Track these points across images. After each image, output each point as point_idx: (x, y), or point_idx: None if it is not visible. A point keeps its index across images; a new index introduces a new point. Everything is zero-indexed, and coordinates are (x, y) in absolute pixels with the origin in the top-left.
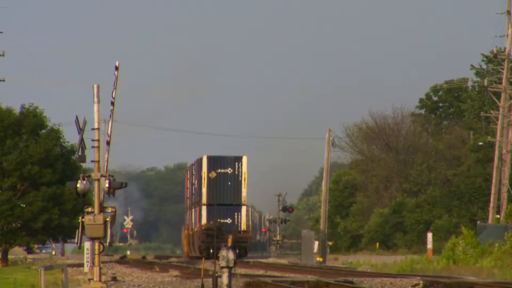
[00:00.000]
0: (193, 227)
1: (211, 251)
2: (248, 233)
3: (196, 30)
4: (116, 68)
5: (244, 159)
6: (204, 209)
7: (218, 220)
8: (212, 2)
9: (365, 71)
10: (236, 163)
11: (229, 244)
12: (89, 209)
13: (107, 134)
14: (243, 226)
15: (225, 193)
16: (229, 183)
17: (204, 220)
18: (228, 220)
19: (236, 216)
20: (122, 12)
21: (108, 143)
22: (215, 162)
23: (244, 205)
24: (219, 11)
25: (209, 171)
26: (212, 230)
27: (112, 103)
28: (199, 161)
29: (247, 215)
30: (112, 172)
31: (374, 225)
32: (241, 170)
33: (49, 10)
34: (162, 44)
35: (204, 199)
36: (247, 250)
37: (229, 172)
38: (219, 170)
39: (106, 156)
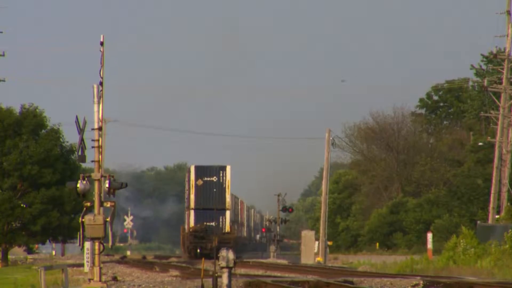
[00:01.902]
0: (185, 229)
1: (198, 251)
2: (232, 234)
3: (195, 30)
4: (101, 44)
5: (228, 168)
6: (192, 213)
7: (205, 223)
8: (213, 2)
9: (365, 71)
10: (221, 172)
11: (214, 244)
12: (88, 204)
13: (99, 119)
14: (227, 228)
15: (211, 199)
16: (215, 190)
17: (192, 223)
18: (214, 223)
19: (221, 219)
20: (122, 12)
21: (100, 128)
22: (201, 171)
23: (228, 209)
24: (220, 11)
25: (196, 179)
26: (198, 232)
27: (101, 83)
28: (189, 170)
29: (231, 218)
30: (112, 172)
31: (373, 225)
32: (225, 178)
33: (49, 10)
34: (162, 44)
35: (192, 204)
36: None
37: (214, 180)
38: (205, 178)
39: (100, 143)
